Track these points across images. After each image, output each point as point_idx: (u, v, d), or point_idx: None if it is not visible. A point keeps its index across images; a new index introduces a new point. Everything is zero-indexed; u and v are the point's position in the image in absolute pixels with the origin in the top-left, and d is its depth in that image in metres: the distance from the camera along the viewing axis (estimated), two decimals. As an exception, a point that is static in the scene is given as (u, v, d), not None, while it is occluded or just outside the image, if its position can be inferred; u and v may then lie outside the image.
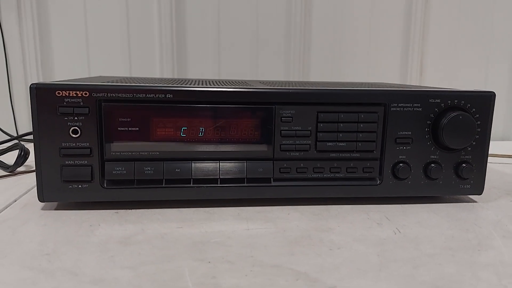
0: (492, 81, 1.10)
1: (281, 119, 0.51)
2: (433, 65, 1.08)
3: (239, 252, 0.40)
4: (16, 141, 0.79)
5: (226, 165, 0.52)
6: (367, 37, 1.05)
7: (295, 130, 0.52)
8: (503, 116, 1.13)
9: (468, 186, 0.55)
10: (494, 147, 0.94)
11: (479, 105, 0.53)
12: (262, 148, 0.52)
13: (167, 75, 1.00)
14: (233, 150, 0.52)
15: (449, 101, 0.53)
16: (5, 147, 0.71)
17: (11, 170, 0.67)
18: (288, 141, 0.52)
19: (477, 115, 0.53)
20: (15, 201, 0.54)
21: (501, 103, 1.12)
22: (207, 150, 0.51)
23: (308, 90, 0.52)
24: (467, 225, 0.48)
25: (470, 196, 0.58)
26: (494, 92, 0.54)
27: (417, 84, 1.08)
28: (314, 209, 0.53)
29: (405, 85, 0.77)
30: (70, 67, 0.98)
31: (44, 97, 0.47)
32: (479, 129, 0.53)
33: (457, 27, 1.07)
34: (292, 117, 0.51)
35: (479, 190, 0.55)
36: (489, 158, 0.56)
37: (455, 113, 0.52)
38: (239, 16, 1.00)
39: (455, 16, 1.06)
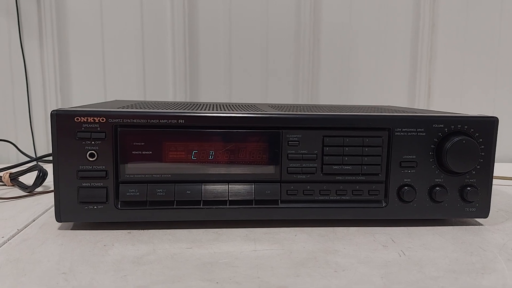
0: (500, 102, 1.10)
1: (288, 143, 0.53)
2: (441, 88, 1.09)
3: (246, 273, 0.42)
4: (35, 162, 0.83)
5: (235, 187, 0.54)
6: (375, 61, 1.07)
7: (302, 154, 0.54)
8: (514, 137, 1.12)
9: (474, 209, 0.56)
10: (504, 169, 0.94)
11: (483, 130, 0.54)
12: (269, 171, 0.54)
13: (180, 98, 1.03)
14: (241, 172, 0.53)
15: (452, 126, 0.54)
16: (24, 168, 0.74)
17: (30, 190, 0.70)
18: (295, 164, 0.54)
19: (481, 140, 0.54)
20: (34, 220, 0.56)
21: (511, 124, 1.12)
22: (217, 172, 0.53)
23: (314, 116, 0.54)
24: (472, 248, 0.49)
25: (476, 219, 0.59)
26: (497, 118, 0.55)
27: (425, 107, 1.09)
28: (320, 230, 0.54)
29: (410, 109, 0.78)
30: (87, 91, 1.02)
31: (64, 122, 0.50)
32: (482, 153, 0.54)
33: (464, 50, 1.08)
34: (298, 141, 0.53)
35: (484, 213, 0.56)
36: (497, 180, 0.57)
37: (458, 138, 0.53)
38: (250, 40, 1.03)
39: (462, 39, 1.07)
